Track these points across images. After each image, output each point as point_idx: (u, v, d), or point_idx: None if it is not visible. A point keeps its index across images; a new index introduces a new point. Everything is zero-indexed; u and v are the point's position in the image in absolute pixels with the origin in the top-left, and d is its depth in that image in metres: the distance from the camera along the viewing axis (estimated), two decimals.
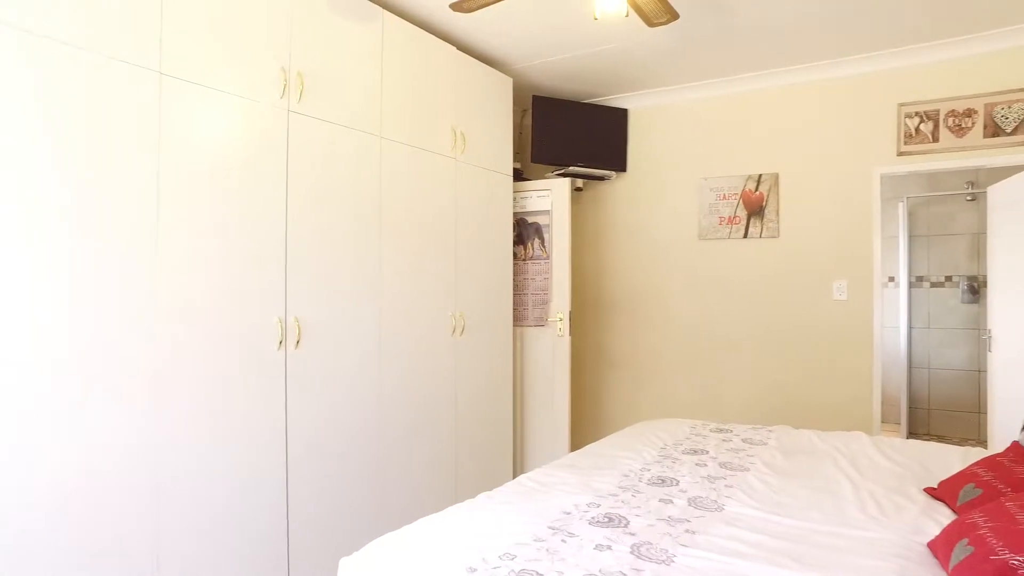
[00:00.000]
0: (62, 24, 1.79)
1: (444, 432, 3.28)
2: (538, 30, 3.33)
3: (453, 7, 2.52)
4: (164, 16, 2.03)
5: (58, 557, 1.75)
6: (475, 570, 1.37)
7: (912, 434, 5.38)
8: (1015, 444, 1.84)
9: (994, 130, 3.37)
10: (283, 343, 2.43)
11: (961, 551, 1.28)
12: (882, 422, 5.09)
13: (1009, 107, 3.34)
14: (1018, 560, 1.10)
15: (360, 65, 2.80)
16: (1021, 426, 1.84)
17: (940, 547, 1.41)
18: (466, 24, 3.25)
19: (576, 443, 4.05)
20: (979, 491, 1.66)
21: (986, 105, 3.40)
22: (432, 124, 3.22)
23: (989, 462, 1.82)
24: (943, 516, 1.71)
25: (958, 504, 1.71)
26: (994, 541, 1.21)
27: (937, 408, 5.51)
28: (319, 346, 2.59)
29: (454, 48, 3.36)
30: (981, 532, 1.28)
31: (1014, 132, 3.33)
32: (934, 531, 1.59)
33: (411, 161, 3.08)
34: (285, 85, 2.44)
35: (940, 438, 5.27)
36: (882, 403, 4.90)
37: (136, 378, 1.95)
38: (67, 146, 1.80)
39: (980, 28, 3.30)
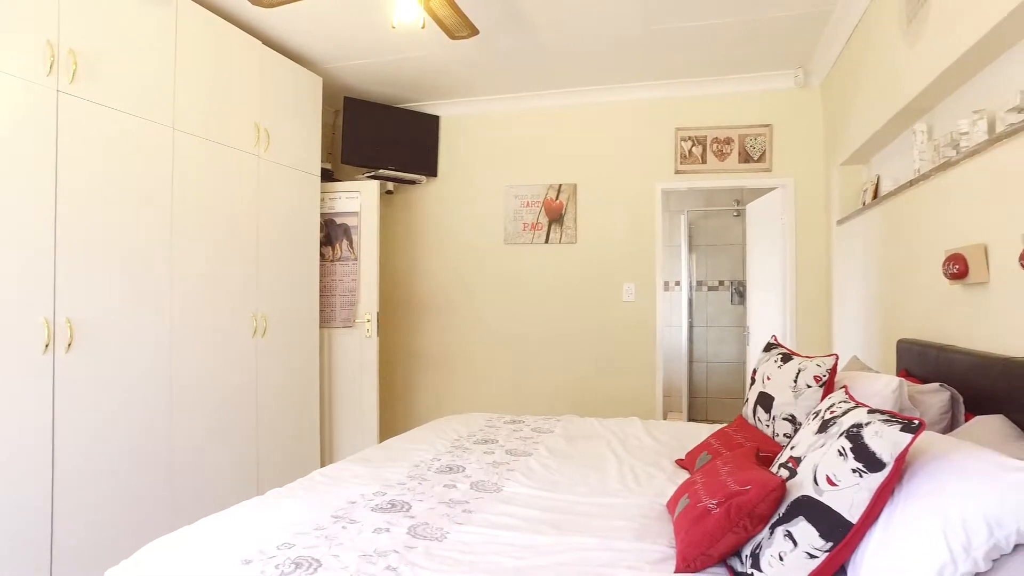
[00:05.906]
0: None
1: (245, 435, 3.17)
2: (347, 32, 3.33)
3: (252, 0, 2.47)
4: None
5: None
6: (250, 562, 1.38)
7: (692, 420, 6.08)
8: (739, 416, 2.21)
9: (746, 157, 3.98)
10: (50, 346, 2.22)
11: (682, 504, 1.54)
12: (669, 411, 5.71)
13: (755, 139, 3.97)
14: (712, 503, 1.35)
15: (150, 50, 2.64)
16: (744, 399, 2.22)
17: (672, 504, 1.67)
18: (272, 19, 3.17)
19: (385, 440, 4.09)
20: (709, 457, 1.98)
21: (740, 136, 4.00)
22: (233, 118, 3.11)
23: (720, 433, 2.17)
24: (683, 480, 2.01)
25: (695, 469, 2.02)
26: (703, 492, 1.47)
27: (713, 396, 6.29)
28: (97, 349, 2.40)
29: (259, 42, 3.27)
30: (696, 487, 1.54)
31: (760, 160, 3.97)
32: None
33: (209, 155, 2.95)
34: (53, 62, 2.23)
35: (716, 422, 6.01)
36: (668, 394, 5.49)
37: None
38: None
39: (733, 72, 3.90)
